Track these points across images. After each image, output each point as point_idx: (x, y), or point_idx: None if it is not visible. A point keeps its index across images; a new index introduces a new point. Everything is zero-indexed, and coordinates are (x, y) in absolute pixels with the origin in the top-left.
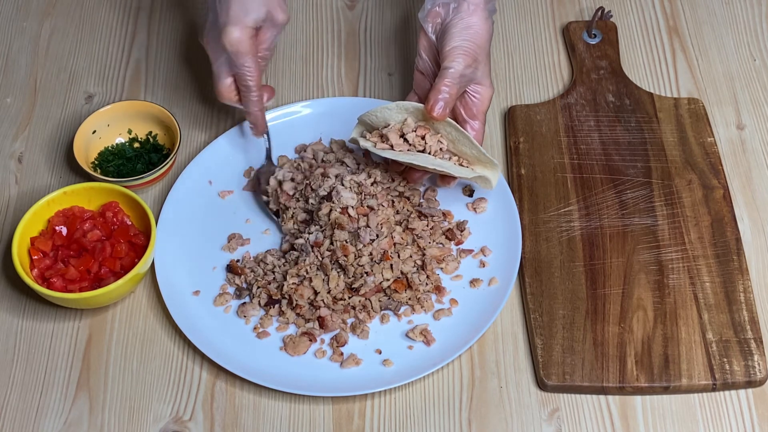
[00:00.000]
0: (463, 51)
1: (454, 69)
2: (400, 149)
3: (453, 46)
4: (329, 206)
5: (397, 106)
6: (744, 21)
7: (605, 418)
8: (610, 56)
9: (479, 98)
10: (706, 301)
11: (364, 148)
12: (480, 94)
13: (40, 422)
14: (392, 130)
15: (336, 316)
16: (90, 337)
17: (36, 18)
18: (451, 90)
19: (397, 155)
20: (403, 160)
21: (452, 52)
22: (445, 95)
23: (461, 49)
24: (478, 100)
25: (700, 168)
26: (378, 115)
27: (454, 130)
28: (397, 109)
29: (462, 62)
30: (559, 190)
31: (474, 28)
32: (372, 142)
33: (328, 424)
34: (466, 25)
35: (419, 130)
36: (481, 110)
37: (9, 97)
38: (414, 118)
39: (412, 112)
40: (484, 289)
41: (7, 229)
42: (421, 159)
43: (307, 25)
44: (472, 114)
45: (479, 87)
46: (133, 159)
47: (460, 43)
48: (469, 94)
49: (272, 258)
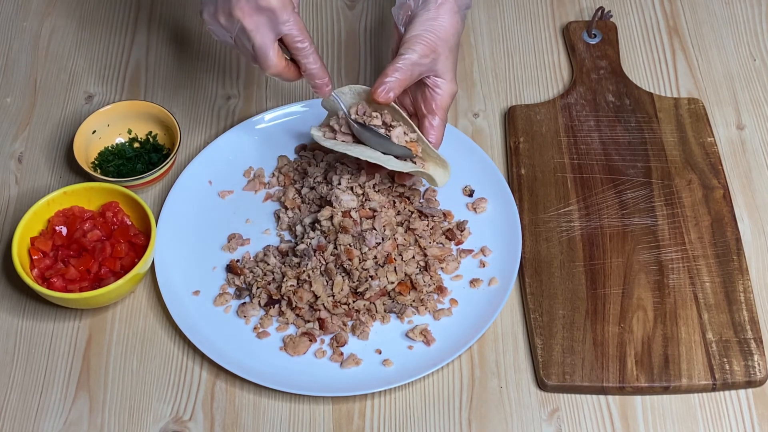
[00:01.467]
0: (422, 40)
1: (407, 56)
2: (343, 139)
3: (412, 35)
4: (330, 210)
5: (350, 89)
6: (744, 21)
7: (605, 418)
8: (610, 56)
9: (440, 93)
10: (706, 301)
11: (316, 139)
12: (440, 88)
13: (40, 422)
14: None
15: (336, 318)
16: (90, 337)
17: (36, 18)
18: (399, 75)
19: (336, 145)
20: (339, 150)
21: (410, 40)
22: (391, 79)
23: (420, 38)
24: (438, 94)
25: (700, 168)
26: (334, 99)
27: (396, 115)
28: (351, 93)
29: (418, 51)
30: (559, 190)
31: (439, 21)
32: (321, 132)
33: (328, 424)
34: (431, 17)
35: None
36: (441, 106)
37: (9, 97)
38: (365, 102)
39: (363, 96)
40: (484, 289)
41: (7, 229)
42: (356, 151)
43: (307, 25)
44: (431, 109)
45: (440, 81)
46: (133, 159)
47: (420, 33)
48: (429, 89)
49: (273, 259)
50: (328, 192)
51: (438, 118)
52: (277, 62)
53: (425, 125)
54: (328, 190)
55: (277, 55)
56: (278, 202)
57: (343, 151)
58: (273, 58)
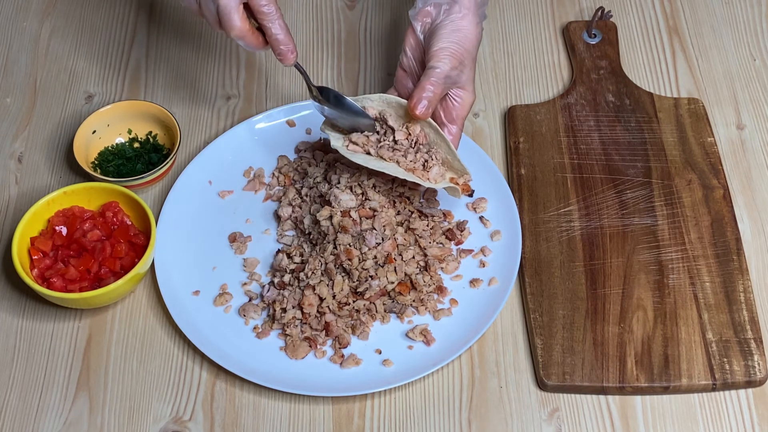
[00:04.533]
0: (451, 53)
1: (440, 69)
2: (371, 154)
3: (441, 46)
4: (329, 210)
5: (380, 97)
6: (744, 21)
7: (605, 418)
8: (610, 56)
9: (460, 103)
10: (706, 301)
11: (334, 147)
12: (461, 98)
13: (40, 422)
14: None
15: (341, 321)
16: (90, 337)
17: (36, 18)
18: (435, 89)
19: (368, 161)
20: (372, 167)
21: (440, 52)
22: (429, 94)
23: (449, 50)
24: (458, 104)
25: (700, 168)
26: (359, 103)
27: (432, 132)
28: (380, 100)
29: (449, 63)
30: (559, 190)
31: (463, 32)
32: (344, 143)
33: (328, 424)
34: (455, 28)
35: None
36: (461, 115)
37: (9, 97)
38: (395, 114)
39: (394, 107)
40: (484, 289)
41: (7, 229)
42: (390, 168)
43: (307, 25)
44: (452, 118)
45: (461, 92)
46: (133, 159)
47: (448, 45)
48: (450, 98)
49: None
50: (327, 191)
51: (456, 127)
52: (241, 25)
53: (444, 133)
54: (327, 189)
55: (241, 17)
56: (278, 202)
57: (377, 168)
58: (237, 19)
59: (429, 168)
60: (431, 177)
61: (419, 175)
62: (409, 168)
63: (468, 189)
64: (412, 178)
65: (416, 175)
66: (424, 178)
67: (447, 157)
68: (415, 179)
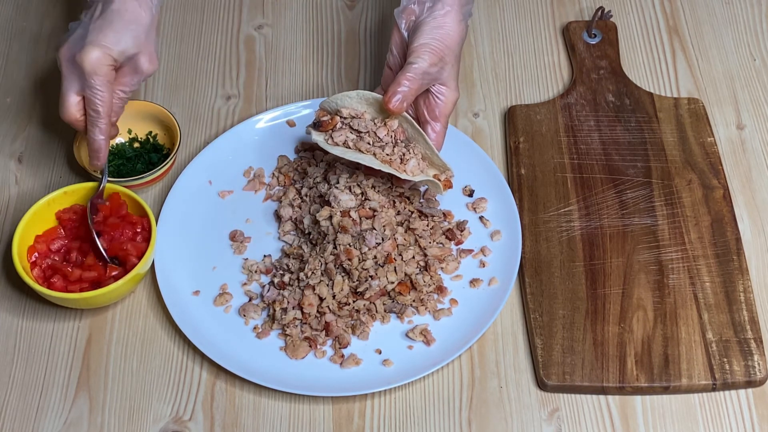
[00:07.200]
0: (430, 49)
1: (417, 65)
2: (347, 147)
3: (420, 43)
4: (329, 210)
5: (358, 95)
6: (744, 21)
7: (605, 418)
8: (610, 56)
9: (443, 100)
10: (706, 301)
11: (315, 141)
12: (444, 96)
13: (40, 422)
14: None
15: (341, 321)
16: (90, 337)
17: (36, 18)
18: (411, 84)
19: (345, 152)
20: (349, 158)
21: (419, 48)
22: (404, 89)
23: (428, 46)
24: (441, 102)
25: (700, 168)
26: (338, 102)
27: (410, 127)
28: (358, 98)
29: (427, 59)
30: (559, 190)
31: (445, 29)
32: (325, 137)
33: (328, 424)
34: (437, 25)
35: (366, 116)
36: (444, 113)
37: (9, 97)
38: (374, 110)
39: (371, 103)
40: (484, 289)
41: (7, 229)
42: (366, 159)
43: (307, 25)
44: (435, 116)
45: (444, 89)
46: (133, 159)
47: (428, 41)
48: (433, 95)
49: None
50: (327, 191)
51: (440, 125)
52: (72, 112)
53: (427, 131)
54: (327, 189)
55: (74, 105)
56: (278, 202)
57: (354, 159)
58: (68, 106)
59: (406, 161)
60: (408, 170)
61: (396, 167)
62: (385, 160)
63: (450, 185)
64: (388, 170)
65: (393, 167)
66: (401, 170)
67: (426, 152)
68: (392, 171)
